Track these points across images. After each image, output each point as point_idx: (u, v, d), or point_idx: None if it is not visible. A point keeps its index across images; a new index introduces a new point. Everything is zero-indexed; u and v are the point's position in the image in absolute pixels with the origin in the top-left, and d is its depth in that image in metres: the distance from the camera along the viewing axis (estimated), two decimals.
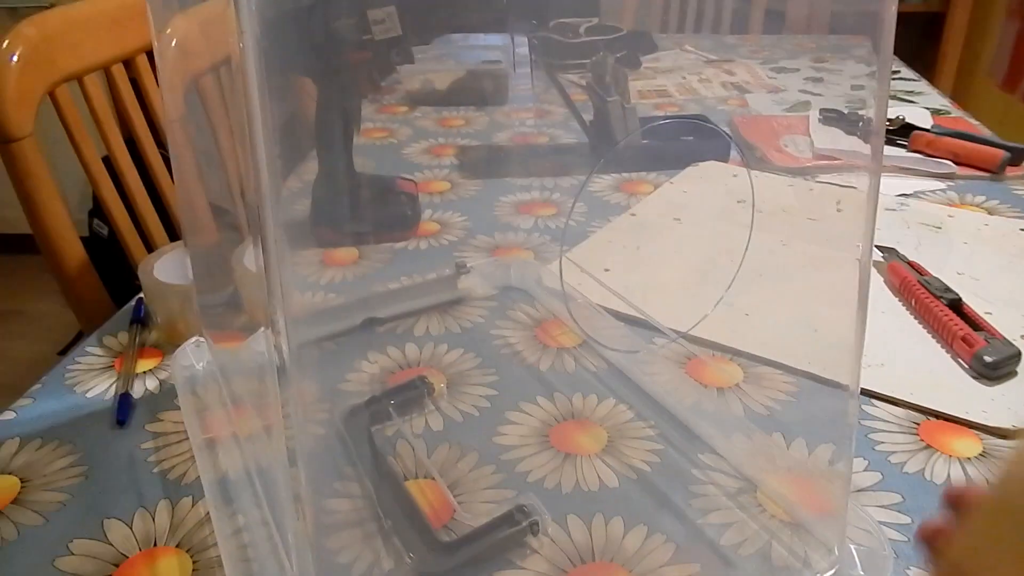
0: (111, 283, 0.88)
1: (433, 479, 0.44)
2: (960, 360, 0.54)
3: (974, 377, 0.52)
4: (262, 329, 0.28)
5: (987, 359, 0.52)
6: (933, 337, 0.57)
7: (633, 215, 0.78)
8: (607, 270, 0.67)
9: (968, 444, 0.47)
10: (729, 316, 0.60)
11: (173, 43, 0.39)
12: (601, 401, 0.51)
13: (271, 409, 0.31)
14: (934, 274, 0.62)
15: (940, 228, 0.74)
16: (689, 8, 1.93)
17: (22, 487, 0.45)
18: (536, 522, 0.40)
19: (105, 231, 1.95)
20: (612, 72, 0.89)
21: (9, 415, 0.52)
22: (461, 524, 0.41)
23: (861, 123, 1.04)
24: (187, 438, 0.48)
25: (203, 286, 0.49)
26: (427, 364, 0.55)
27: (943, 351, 0.55)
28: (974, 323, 0.56)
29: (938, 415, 0.49)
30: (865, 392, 0.52)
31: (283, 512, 0.37)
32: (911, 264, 0.64)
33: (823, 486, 0.42)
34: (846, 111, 1.03)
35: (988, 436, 0.47)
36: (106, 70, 0.85)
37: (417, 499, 0.43)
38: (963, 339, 0.54)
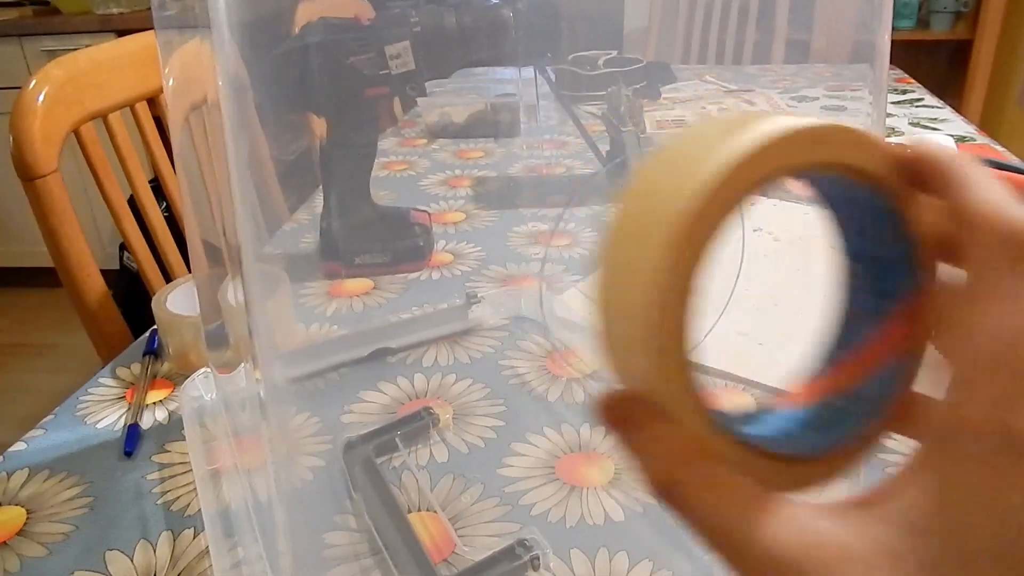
0: (140, 315, 0.89)
1: (435, 512, 0.44)
2: None
3: None
4: (242, 364, 0.28)
5: None
6: None
7: None
8: None
9: None
10: (743, 346, 0.59)
11: (171, 81, 0.40)
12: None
13: (259, 443, 0.31)
14: None
15: None
16: (711, 39, 1.94)
17: (28, 518, 0.46)
18: (537, 556, 0.39)
19: (135, 264, 1.99)
20: (627, 103, 0.90)
21: (20, 446, 0.52)
22: (462, 558, 0.41)
23: None
24: (192, 469, 0.48)
25: (206, 318, 0.50)
26: (435, 395, 0.55)
27: None
28: None
29: None
30: None
31: (275, 546, 0.36)
32: None
33: None
34: None
35: None
36: (131, 108, 0.88)
37: (418, 532, 0.42)
38: None
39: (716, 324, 0.55)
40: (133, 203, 0.89)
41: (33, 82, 0.74)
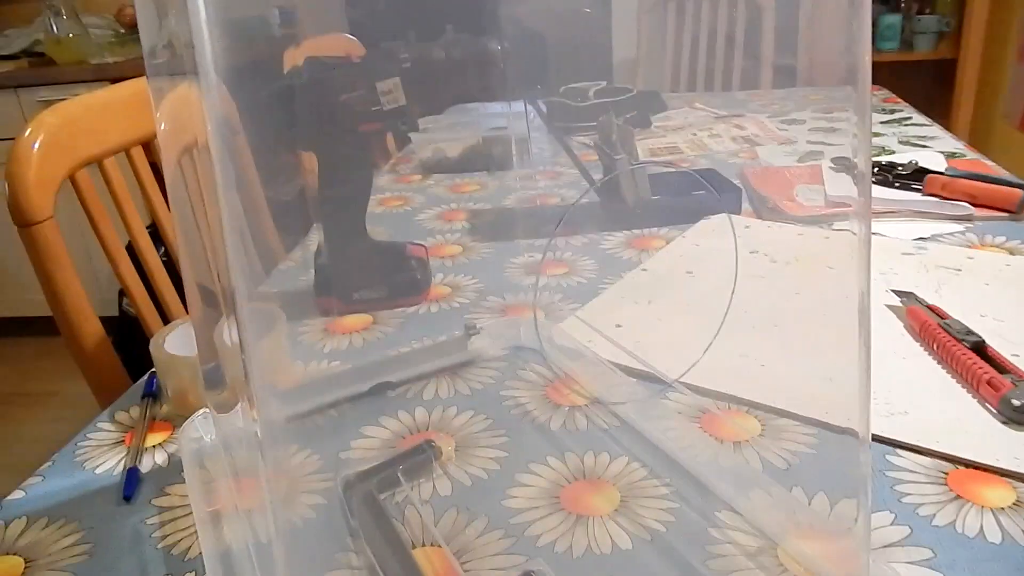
0: (140, 361, 0.89)
1: (439, 546, 0.43)
2: (987, 405, 0.52)
3: (1003, 422, 0.50)
4: (238, 404, 0.28)
5: (1015, 403, 0.50)
6: (957, 382, 0.55)
7: (644, 270, 0.77)
8: (619, 326, 0.66)
9: (1001, 493, 0.45)
10: (745, 367, 0.59)
11: (163, 125, 0.40)
12: (613, 459, 0.50)
13: (258, 483, 0.30)
14: (956, 317, 0.61)
15: (960, 271, 0.72)
16: (699, 67, 1.96)
17: (26, 567, 0.45)
18: None
19: (133, 310, 1.99)
20: (618, 131, 0.90)
21: (18, 494, 0.51)
22: None
23: (877, 169, 1.02)
24: (192, 512, 0.47)
25: (203, 358, 0.50)
26: (436, 427, 0.54)
27: (968, 396, 0.53)
28: (999, 366, 0.54)
29: (967, 463, 0.47)
30: (889, 442, 0.50)
31: None
32: (931, 308, 0.63)
33: (845, 542, 0.40)
34: (852, 158, 1.02)
35: (1022, 484, 0.45)
36: (126, 153, 0.88)
37: (423, 568, 0.41)
38: (988, 383, 0.52)
39: (712, 344, 0.55)
40: (132, 249, 0.89)
41: (28, 130, 0.75)
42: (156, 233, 0.98)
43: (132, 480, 0.51)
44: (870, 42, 0.31)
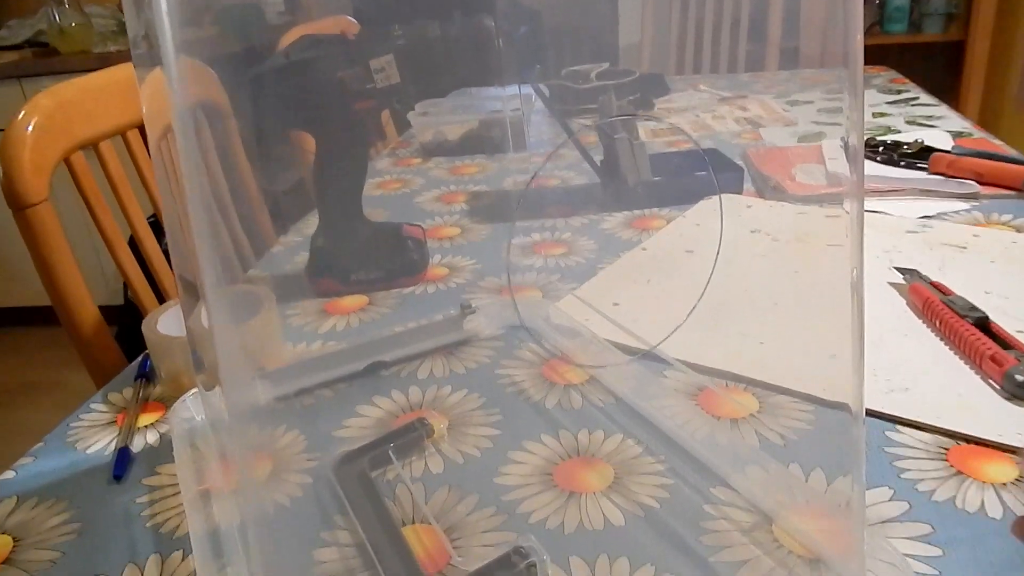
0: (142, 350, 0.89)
1: (429, 524, 0.43)
2: (990, 381, 0.51)
3: (1006, 398, 0.49)
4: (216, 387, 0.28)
5: (1019, 378, 0.49)
6: (960, 358, 0.54)
7: (644, 249, 0.76)
8: (616, 304, 0.65)
9: (1003, 469, 0.44)
10: (744, 345, 0.58)
11: (144, 108, 0.39)
12: (608, 437, 0.49)
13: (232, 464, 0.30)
14: (960, 294, 0.59)
15: (965, 248, 0.71)
16: (704, 50, 1.94)
17: (15, 546, 0.45)
18: (534, 564, 0.38)
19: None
20: (619, 111, 0.89)
21: (9, 474, 0.51)
22: (457, 570, 0.39)
23: (882, 148, 1.01)
24: (181, 491, 0.47)
25: (191, 340, 0.49)
26: (430, 406, 0.54)
27: (971, 372, 0.52)
28: (1003, 341, 0.53)
29: (968, 439, 0.46)
30: (888, 418, 0.49)
31: (258, 567, 0.35)
32: (933, 284, 0.61)
33: (842, 518, 0.39)
34: (865, 138, 1.01)
35: None
36: (123, 137, 0.88)
37: (412, 545, 0.41)
38: (992, 358, 0.51)
39: (694, 313, 0.54)
40: (133, 238, 0.88)
41: (23, 112, 0.74)
42: (158, 224, 0.97)
43: (123, 460, 0.50)
44: (861, 21, 0.30)
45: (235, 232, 0.98)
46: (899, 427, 0.48)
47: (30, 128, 0.74)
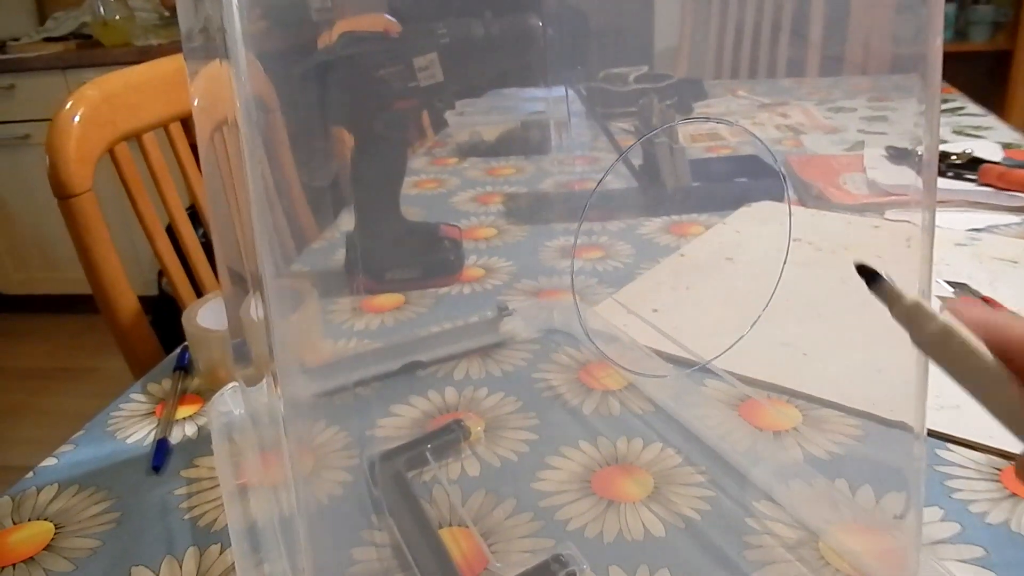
0: (177, 341, 0.90)
1: (467, 527, 0.42)
2: None
3: None
4: (264, 379, 0.27)
5: None
6: None
7: (683, 255, 0.75)
8: (655, 311, 0.64)
9: None
10: (788, 356, 0.57)
11: (196, 101, 0.39)
12: (647, 445, 0.48)
13: (282, 458, 0.30)
14: (1012, 309, 0.58)
15: (1016, 263, 0.69)
16: (743, 55, 1.92)
17: (56, 533, 0.45)
18: (574, 573, 0.37)
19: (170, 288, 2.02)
20: (659, 114, 0.88)
21: (51, 461, 0.52)
22: (495, 575, 0.39)
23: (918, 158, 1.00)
24: (220, 484, 0.47)
25: (233, 332, 0.49)
26: (466, 408, 0.53)
27: None
28: None
29: None
30: (939, 436, 0.47)
31: (301, 563, 0.35)
32: (984, 299, 0.60)
33: (892, 537, 0.38)
34: (910, 147, 0.99)
35: None
36: (165, 129, 0.89)
37: (449, 548, 0.40)
38: None
39: (748, 332, 0.53)
40: (171, 230, 0.89)
41: (69, 103, 0.75)
42: (195, 215, 0.98)
43: (161, 451, 0.51)
44: (941, 28, 0.29)
45: (280, 226, 0.99)
46: (949, 445, 0.47)
47: (76, 119, 0.75)
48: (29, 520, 0.46)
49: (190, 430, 0.54)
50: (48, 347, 2.53)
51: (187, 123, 0.91)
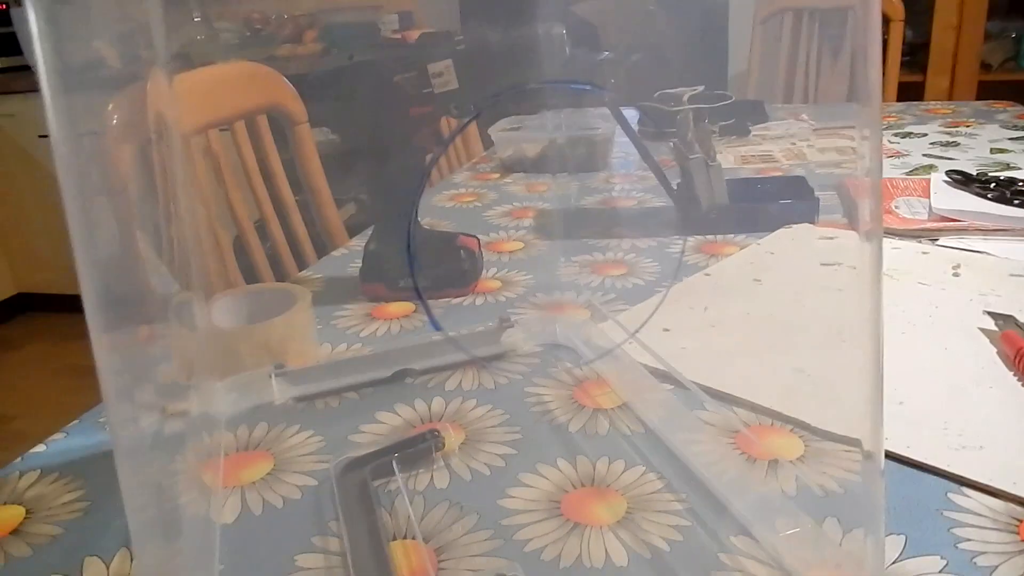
0: None
1: (421, 541, 0.40)
2: None
3: None
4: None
5: None
6: None
7: (707, 275, 0.71)
8: (666, 330, 0.61)
9: None
10: (795, 383, 0.53)
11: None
12: (629, 468, 0.45)
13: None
14: None
15: None
16: (811, 80, 1.85)
17: (25, 518, 0.45)
18: None
19: None
20: (694, 130, 0.85)
21: (40, 448, 0.52)
22: None
23: (993, 185, 0.92)
24: None
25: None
26: (450, 419, 0.51)
27: None
28: None
29: None
30: (956, 478, 0.42)
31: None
32: None
33: None
34: (975, 172, 0.92)
35: None
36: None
37: (396, 561, 0.38)
38: None
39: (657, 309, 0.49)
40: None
41: None
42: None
43: None
44: (879, 57, 0.28)
45: (297, 236, 1.00)
46: (966, 490, 0.42)
47: None
48: (5, 504, 0.47)
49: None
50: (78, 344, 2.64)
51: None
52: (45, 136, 2.43)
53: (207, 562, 0.39)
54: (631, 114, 1.14)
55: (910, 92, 2.15)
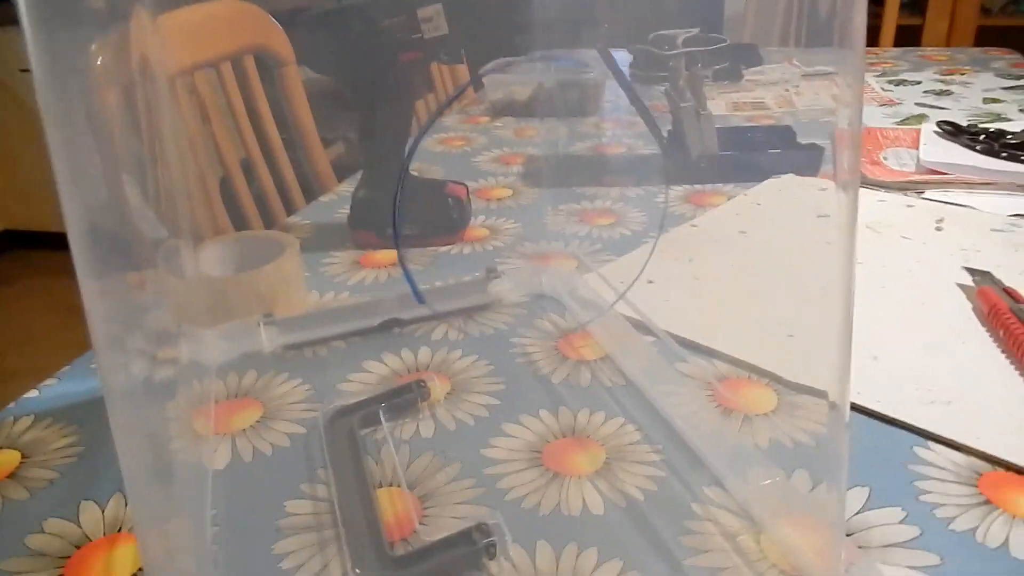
0: None
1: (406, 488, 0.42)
2: None
3: None
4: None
5: None
6: (1021, 374, 0.48)
7: (694, 226, 0.72)
8: (650, 282, 0.62)
9: None
10: (771, 336, 0.54)
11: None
12: (608, 419, 0.47)
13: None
14: None
15: None
16: (805, 23, 1.82)
17: (22, 462, 0.46)
18: (493, 544, 0.36)
19: None
20: (687, 75, 0.84)
21: (33, 393, 0.53)
22: (419, 539, 0.38)
23: (983, 136, 0.92)
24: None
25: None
26: (436, 369, 0.53)
27: None
28: None
29: (1008, 466, 0.41)
30: (921, 432, 0.44)
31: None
32: (1006, 290, 0.55)
33: (834, 535, 0.36)
34: (965, 123, 0.92)
35: None
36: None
37: (382, 508, 0.40)
38: None
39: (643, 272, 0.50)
40: None
41: None
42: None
43: None
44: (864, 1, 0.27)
45: (284, 178, 0.99)
46: (931, 444, 0.44)
47: None
48: (1, 448, 0.48)
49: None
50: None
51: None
52: (27, 70, 2.37)
53: (199, 507, 0.40)
54: (623, 57, 1.13)
55: (908, 35, 2.12)
